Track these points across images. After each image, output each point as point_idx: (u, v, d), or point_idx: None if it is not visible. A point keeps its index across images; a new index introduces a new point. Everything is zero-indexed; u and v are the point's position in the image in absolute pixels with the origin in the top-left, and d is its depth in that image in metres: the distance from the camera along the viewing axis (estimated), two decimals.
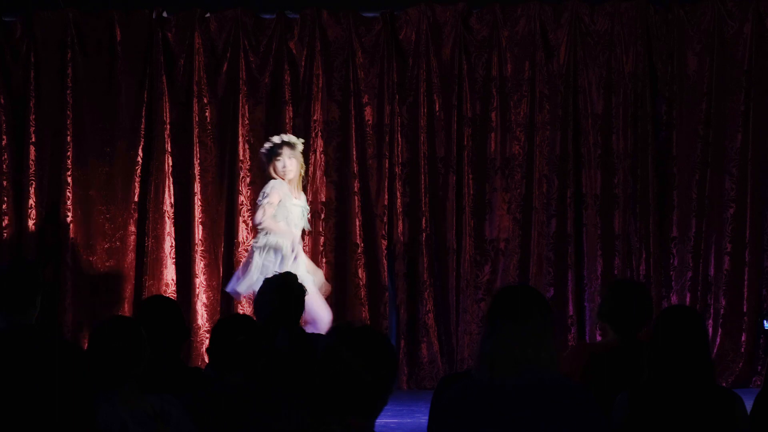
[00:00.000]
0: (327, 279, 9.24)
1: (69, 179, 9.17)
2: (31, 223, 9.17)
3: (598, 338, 8.79)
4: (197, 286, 9.18)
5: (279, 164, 8.23)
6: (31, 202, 9.18)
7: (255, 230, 8.34)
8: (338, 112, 9.31)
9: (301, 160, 8.36)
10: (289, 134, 8.49)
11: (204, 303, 9.19)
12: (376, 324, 9.17)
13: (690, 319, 4.29)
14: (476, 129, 9.29)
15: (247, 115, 9.26)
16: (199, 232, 9.22)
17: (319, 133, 9.27)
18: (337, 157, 9.31)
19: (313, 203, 9.22)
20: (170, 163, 9.24)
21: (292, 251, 8.11)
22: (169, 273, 9.19)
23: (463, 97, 9.26)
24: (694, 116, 9.20)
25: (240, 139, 9.23)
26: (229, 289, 8.44)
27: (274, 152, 8.25)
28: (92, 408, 3.68)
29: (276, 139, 8.32)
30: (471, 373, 3.71)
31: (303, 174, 8.44)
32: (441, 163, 9.22)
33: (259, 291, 5.66)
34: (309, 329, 7.40)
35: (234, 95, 9.27)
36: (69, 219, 9.17)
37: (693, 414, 4.14)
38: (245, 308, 8.97)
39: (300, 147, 8.33)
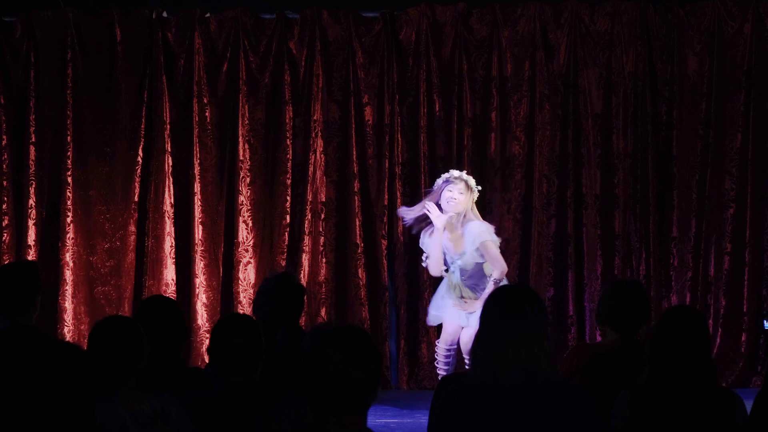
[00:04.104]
0: (327, 279, 9.25)
1: (69, 179, 9.17)
2: (31, 223, 9.17)
3: (598, 338, 8.78)
4: (197, 286, 9.18)
5: (447, 194, 7.70)
6: (31, 202, 9.18)
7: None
8: (338, 112, 9.31)
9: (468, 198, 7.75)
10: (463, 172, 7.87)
11: (204, 303, 9.19)
12: (376, 324, 9.19)
13: (691, 319, 4.29)
14: (476, 129, 9.29)
15: (247, 115, 9.26)
16: (199, 232, 9.22)
17: (319, 133, 9.27)
18: (337, 157, 9.31)
19: (313, 203, 9.22)
20: (170, 163, 9.24)
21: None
22: (169, 273, 9.19)
23: (463, 97, 9.26)
24: (694, 116, 9.20)
25: (240, 139, 9.24)
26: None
27: (448, 183, 7.73)
28: (93, 408, 3.68)
29: (455, 172, 7.81)
30: (469, 372, 3.71)
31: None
32: (441, 163, 9.21)
33: (258, 291, 5.67)
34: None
35: (234, 95, 9.27)
36: (69, 219, 9.17)
37: (693, 414, 4.14)
38: (245, 308, 8.97)
39: (476, 193, 7.79)
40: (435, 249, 7.73)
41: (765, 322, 9.08)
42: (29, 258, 9.04)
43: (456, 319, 7.76)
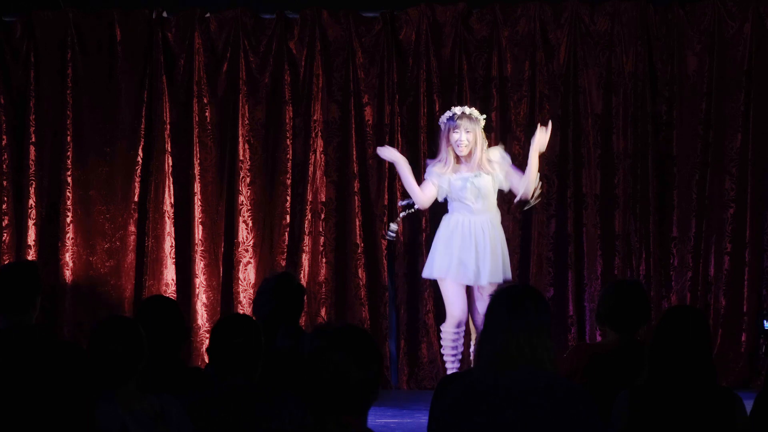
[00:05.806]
0: (327, 279, 9.25)
1: (69, 179, 9.17)
2: (31, 223, 9.17)
3: (598, 338, 8.78)
4: (197, 286, 9.18)
5: (454, 136, 7.73)
6: (31, 202, 9.18)
7: None
8: (338, 112, 9.31)
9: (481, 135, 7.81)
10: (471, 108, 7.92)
11: (204, 303, 9.19)
12: (376, 324, 9.18)
13: (692, 319, 4.29)
14: None
15: (247, 115, 9.26)
16: (199, 232, 9.22)
17: (319, 133, 9.27)
18: (337, 157, 9.31)
19: (313, 203, 9.22)
20: (170, 163, 9.24)
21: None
22: (169, 273, 9.19)
23: (463, 97, 9.25)
24: (694, 116, 9.20)
25: (240, 139, 9.24)
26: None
27: (452, 123, 7.74)
28: (92, 408, 3.68)
29: (457, 109, 7.82)
30: (472, 371, 3.72)
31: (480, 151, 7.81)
32: None
33: (258, 291, 5.67)
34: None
35: (234, 95, 9.27)
36: (69, 219, 9.17)
37: (693, 414, 4.14)
38: (245, 308, 8.97)
39: (482, 122, 7.82)
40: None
41: (765, 322, 9.07)
42: (29, 258, 9.04)
43: (463, 281, 7.65)
